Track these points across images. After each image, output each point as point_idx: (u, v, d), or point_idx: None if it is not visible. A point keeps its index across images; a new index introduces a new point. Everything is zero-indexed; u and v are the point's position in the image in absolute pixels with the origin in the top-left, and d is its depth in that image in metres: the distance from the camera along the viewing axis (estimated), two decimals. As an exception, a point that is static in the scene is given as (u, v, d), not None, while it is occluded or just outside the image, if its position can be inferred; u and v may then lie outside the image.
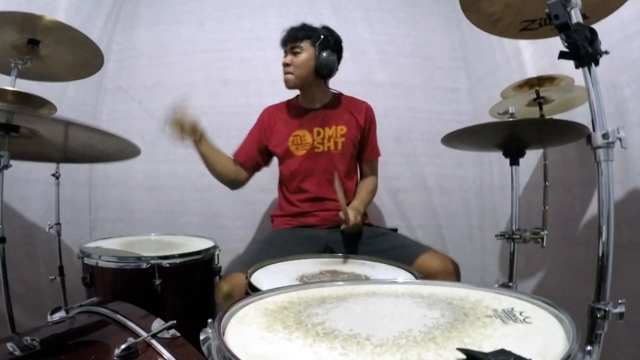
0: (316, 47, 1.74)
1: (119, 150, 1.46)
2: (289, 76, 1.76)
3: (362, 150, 1.85)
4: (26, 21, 1.31)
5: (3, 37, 1.35)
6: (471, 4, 1.18)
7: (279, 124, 1.85)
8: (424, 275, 1.41)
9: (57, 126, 1.21)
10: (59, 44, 1.43)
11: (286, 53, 1.78)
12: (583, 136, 1.04)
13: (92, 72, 1.61)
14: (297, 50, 1.74)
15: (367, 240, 1.64)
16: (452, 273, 1.41)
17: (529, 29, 1.22)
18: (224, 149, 1.82)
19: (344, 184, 1.76)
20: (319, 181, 1.78)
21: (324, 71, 1.75)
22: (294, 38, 1.75)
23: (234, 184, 1.86)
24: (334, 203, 1.75)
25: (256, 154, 1.86)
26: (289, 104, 1.89)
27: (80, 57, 1.51)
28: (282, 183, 1.88)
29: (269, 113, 1.90)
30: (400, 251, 1.51)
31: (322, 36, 1.75)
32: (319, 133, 1.80)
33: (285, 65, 1.76)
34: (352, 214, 1.53)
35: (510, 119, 1.50)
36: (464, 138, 1.51)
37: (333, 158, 1.79)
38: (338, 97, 1.86)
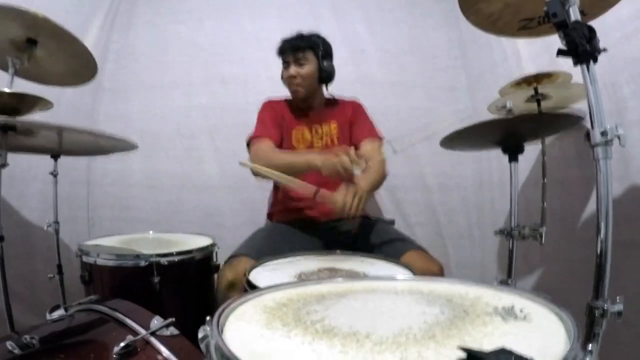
0: (319, 58, 1.76)
1: (114, 145, 1.49)
2: (299, 88, 1.77)
3: (352, 135, 1.84)
4: (27, 19, 1.30)
5: (3, 32, 1.34)
6: (470, 5, 1.18)
7: (285, 116, 1.87)
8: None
9: (52, 130, 1.21)
10: (56, 48, 1.43)
11: (287, 64, 1.76)
12: (579, 125, 1.04)
13: (84, 81, 1.62)
14: (302, 61, 1.74)
15: (362, 232, 1.66)
16: (435, 275, 1.40)
17: (527, 28, 1.22)
18: (223, 148, 1.82)
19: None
20: (318, 175, 1.79)
21: (327, 80, 1.80)
22: (296, 47, 1.74)
23: None
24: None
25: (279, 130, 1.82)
26: (287, 102, 1.90)
27: (74, 65, 1.52)
28: None
29: (276, 104, 1.89)
30: (390, 246, 1.54)
31: (321, 46, 1.76)
32: (316, 131, 1.84)
33: (292, 77, 1.75)
34: (341, 196, 1.37)
35: (507, 116, 1.50)
36: (462, 138, 1.51)
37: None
38: (331, 99, 1.90)
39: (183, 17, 2.52)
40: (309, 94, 1.80)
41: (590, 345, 0.52)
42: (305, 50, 1.74)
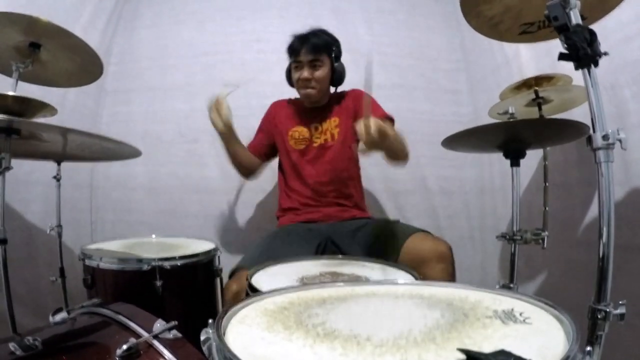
0: (332, 59, 1.75)
1: (118, 151, 1.49)
2: (312, 91, 1.75)
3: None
4: (30, 24, 1.32)
5: (5, 38, 1.35)
6: (471, 7, 1.18)
7: (282, 118, 1.89)
8: (416, 258, 1.37)
9: (56, 132, 1.22)
10: (60, 50, 1.44)
11: (300, 64, 1.73)
12: (583, 135, 1.04)
13: (91, 81, 1.62)
14: (317, 64, 1.72)
15: (361, 229, 1.65)
16: (445, 255, 1.37)
17: (527, 32, 1.23)
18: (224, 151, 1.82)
19: (341, 171, 1.80)
20: (318, 173, 1.80)
21: (339, 82, 1.80)
22: (313, 49, 1.69)
23: (249, 172, 1.90)
24: (335, 199, 1.79)
25: (266, 145, 1.90)
26: (293, 101, 1.92)
27: (80, 64, 1.52)
28: (284, 178, 1.89)
29: (276, 107, 1.94)
30: (392, 234, 1.51)
31: (335, 46, 1.75)
32: (316, 128, 1.84)
33: (306, 80, 1.72)
34: (368, 126, 1.16)
35: (510, 120, 1.50)
36: (464, 140, 1.51)
37: (330, 148, 1.81)
38: (334, 95, 1.89)
39: (185, 19, 2.53)
40: (320, 96, 1.79)
41: (591, 347, 0.52)
42: (322, 52, 1.71)
